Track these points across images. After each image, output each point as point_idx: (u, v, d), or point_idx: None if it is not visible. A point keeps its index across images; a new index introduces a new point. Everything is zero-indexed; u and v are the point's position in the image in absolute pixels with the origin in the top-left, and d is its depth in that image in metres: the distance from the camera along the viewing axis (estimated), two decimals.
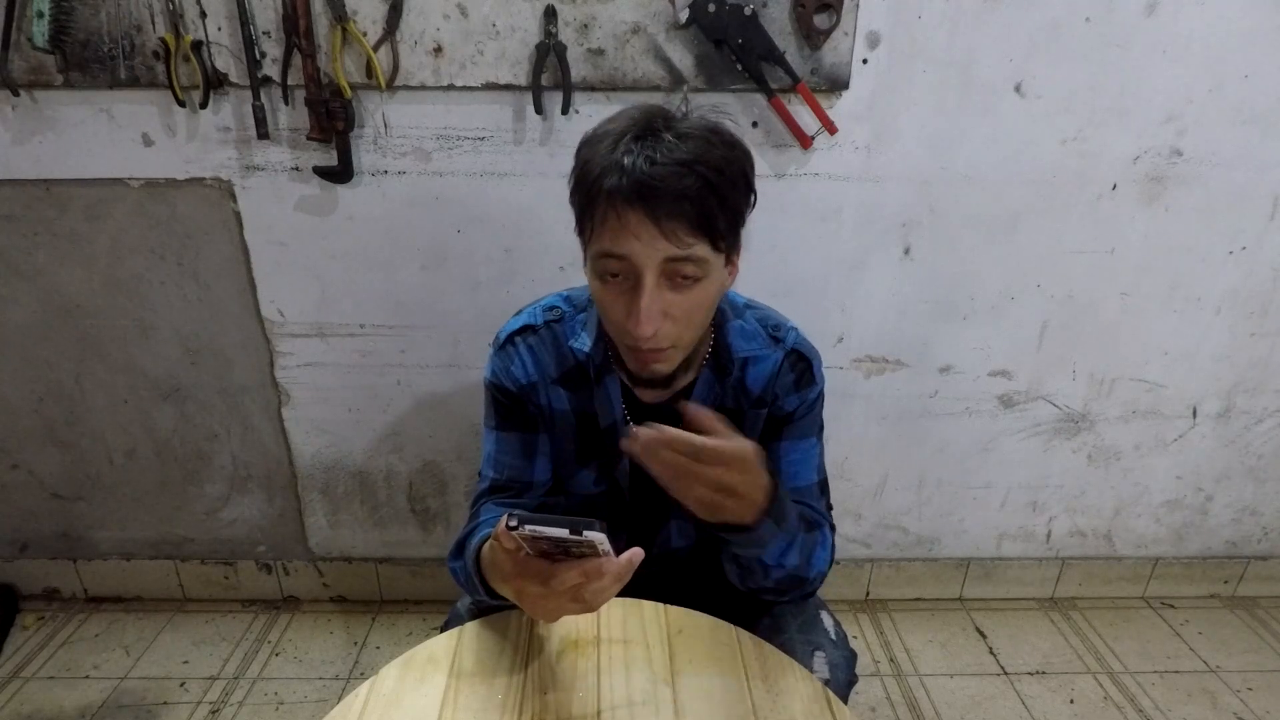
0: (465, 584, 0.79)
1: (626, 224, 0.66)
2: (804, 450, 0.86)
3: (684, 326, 0.72)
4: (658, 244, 0.66)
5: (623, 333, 0.72)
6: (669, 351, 0.73)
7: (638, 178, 0.64)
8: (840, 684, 0.80)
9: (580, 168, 0.70)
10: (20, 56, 1.18)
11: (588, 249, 0.71)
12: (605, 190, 0.65)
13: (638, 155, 0.65)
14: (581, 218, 0.71)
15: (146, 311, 1.39)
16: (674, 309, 0.70)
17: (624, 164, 0.65)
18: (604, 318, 0.75)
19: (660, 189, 0.64)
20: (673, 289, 0.69)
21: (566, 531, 0.55)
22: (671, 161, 0.65)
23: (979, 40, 1.21)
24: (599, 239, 0.68)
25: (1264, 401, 1.51)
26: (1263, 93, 1.26)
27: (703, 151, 0.66)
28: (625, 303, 0.69)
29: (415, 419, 1.48)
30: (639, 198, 0.65)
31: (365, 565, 1.62)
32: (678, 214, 0.65)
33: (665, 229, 0.65)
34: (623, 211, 0.65)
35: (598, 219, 0.67)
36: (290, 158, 1.27)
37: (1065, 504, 1.60)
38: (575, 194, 0.71)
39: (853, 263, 1.37)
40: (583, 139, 0.71)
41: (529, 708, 0.65)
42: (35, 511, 1.56)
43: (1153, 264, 1.38)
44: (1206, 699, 1.43)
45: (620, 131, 0.67)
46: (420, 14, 1.17)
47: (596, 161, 0.67)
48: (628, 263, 0.68)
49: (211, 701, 1.39)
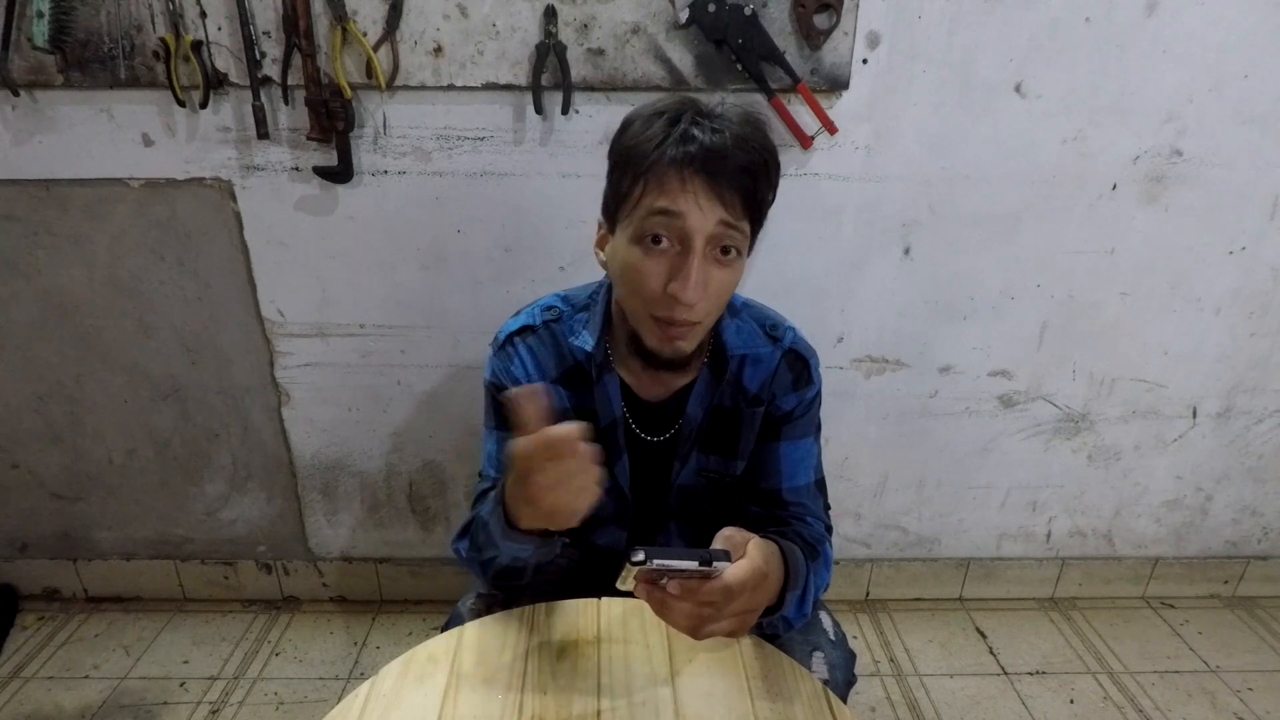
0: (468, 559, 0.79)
1: (688, 187, 0.67)
2: (802, 450, 0.86)
3: (714, 305, 0.73)
4: (715, 209, 0.68)
5: (655, 303, 0.71)
6: (696, 328, 0.74)
7: (708, 146, 0.67)
8: (839, 684, 0.80)
9: (631, 140, 0.70)
10: (20, 56, 1.18)
11: (632, 213, 0.71)
12: (669, 156, 0.67)
13: (706, 129, 0.67)
14: (630, 185, 0.70)
15: (146, 311, 1.39)
16: (713, 283, 0.71)
17: (693, 134, 0.67)
18: (632, 291, 0.73)
19: (727, 160, 0.67)
20: (715, 263, 0.71)
21: (696, 564, 0.55)
22: (736, 137, 0.68)
23: (979, 40, 1.21)
24: (656, 198, 0.68)
25: (1264, 401, 1.51)
26: (1263, 93, 1.26)
27: (759, 135, 0.70)
28: (665, 270, 0.70)
29: (415, 419, 1.48)
30: (705, 165, 0.67)
31: (365, 565, 1.62)
32: (736, 185, 0.68)
33: (725, 197, 0.68)
34: (687, 176, 0.67)
35: (654, 181, 0.68)
36: (290, 158, 1.27)
37: (1065, 504, 1.60)
38: (625, 162, 0.71)
39: (853, 263, 1.37)
40: (629, 117, 0.73)
41: (529, 708, 0.65)
42: (35, 511, 1.56)
43: (1153, 264, 1.38)
44: (1206, 699, 1.43)
45: (678, 108, 0.70)
46: (420, 14, 1.17)
47: (655, 132, 0.68)
48: (680, 225, 0.68)
49: (211, 701, 1.39)
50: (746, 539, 0.63)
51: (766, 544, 0.66)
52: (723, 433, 0.86)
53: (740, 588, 0.58)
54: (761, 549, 0.63)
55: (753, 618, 0.63)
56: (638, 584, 0.57)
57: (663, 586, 0.57)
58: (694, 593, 0.57)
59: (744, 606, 0.60)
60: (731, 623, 0.60)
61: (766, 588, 0.63)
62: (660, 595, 0.57)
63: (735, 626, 0.60)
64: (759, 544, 0.63)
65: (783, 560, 0.69)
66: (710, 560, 0.55)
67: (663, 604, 0.58)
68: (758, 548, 0.63)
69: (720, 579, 0.57)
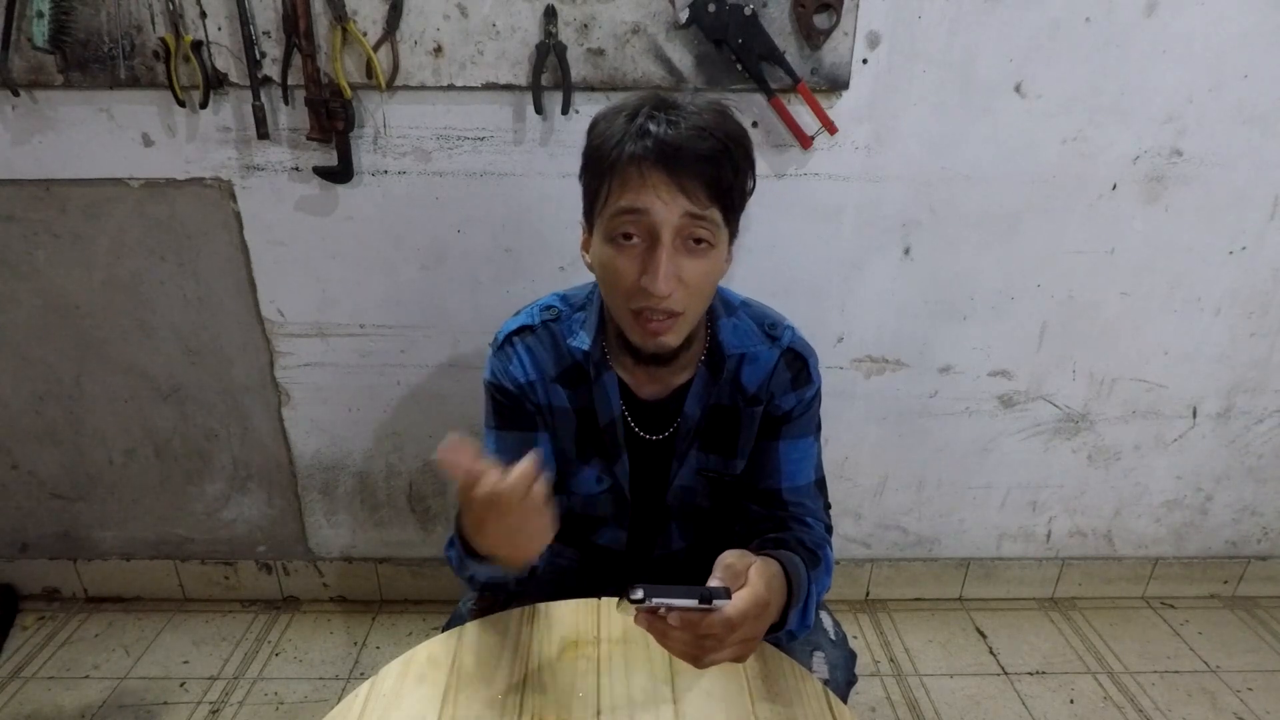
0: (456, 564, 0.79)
1: (648, 182, 0.68)
2: (802, 450, 0.86)
3: (693, 295, 0.73)
4: (678, 201, 0.68)
5: (632, 295, 0.72)
6: (678, 320, 0.73)
7: (662, 139, 0.67)
8: (840, 684, 0.80)
9: (596, 140, 0.71)
10: (20, 56, 1.18)
11: (602, 213, 0.72)
12: (628, 153, 0.68)
13: (660, 122, 0.68)
14: (597, 185, 0.71)
15: (146, 311, 1.39)
16: (686, 273, 0.71)
17: (648, 129, 0.68)
18: (611, 288, 0.74)
19: (683, 150, 0.67)
20: (686, 253, 0.71)
21: (695, 602, 0.54)
22: (692, 127, 0.68)
23: (979, 40, 1.21)
24: (619, 197, 0.69)
25: (1264, 401, 1.51)
26: (1263, 93, 1.26)
27: (719, 122, 0.70)
28: (637, 266, 0.70)
29: (415, 419, 1.48)
30: (662, 158, 0.67)
31: (365, 565, 1.62)
32: (697, 175, 0.68)
33: (687, 188, 0.68)
34: (646, 171, 0.67)
35: (617, 180, 0.69)
36: (290, 158, 1.27)
37: (1065, 504, 1.60)
38: (591, 164, 0.72)
39: (853, 263, 1.37)
40: (595, 118, 0.73)
41: (529, 708, 0.65)
42: (35, 511, 1.56)
43: (1153, 264, 1.38)
44: (1206, 699, 1.43)
45: (637, 105, 0.70)
46: (420, 14, 1.17)
47: (615, 130, 0.69)
48: (646, 220, 0.69)
49: (211, 701, 1.39)
50: (748, 565, 0.62)
51: (768, 567, 0.65)
52: (722, 432, 0.86)
53: (742, 618, 0.58)
54: (763, 574, 0.62)
55: (755, 644, 0.62)
56: (638, 615, 0.57)
57: (663, 617, 0.57)
58: (695, 625, 0.57)
59: (746, 635, 0.59)
60: (734, 650, 0.59)
61: (769, 614, 0.63)
62: (661, 626, 0.57)
63: (737, 654, 0.60)
64: (760, 569, 0.62)
65: (785, 579, 0.68)
66: (710, 598, 0.55)
67: (664, 634, 0.58)
68: (759, 574, 0.62)
69: (722, 612, 0.57)
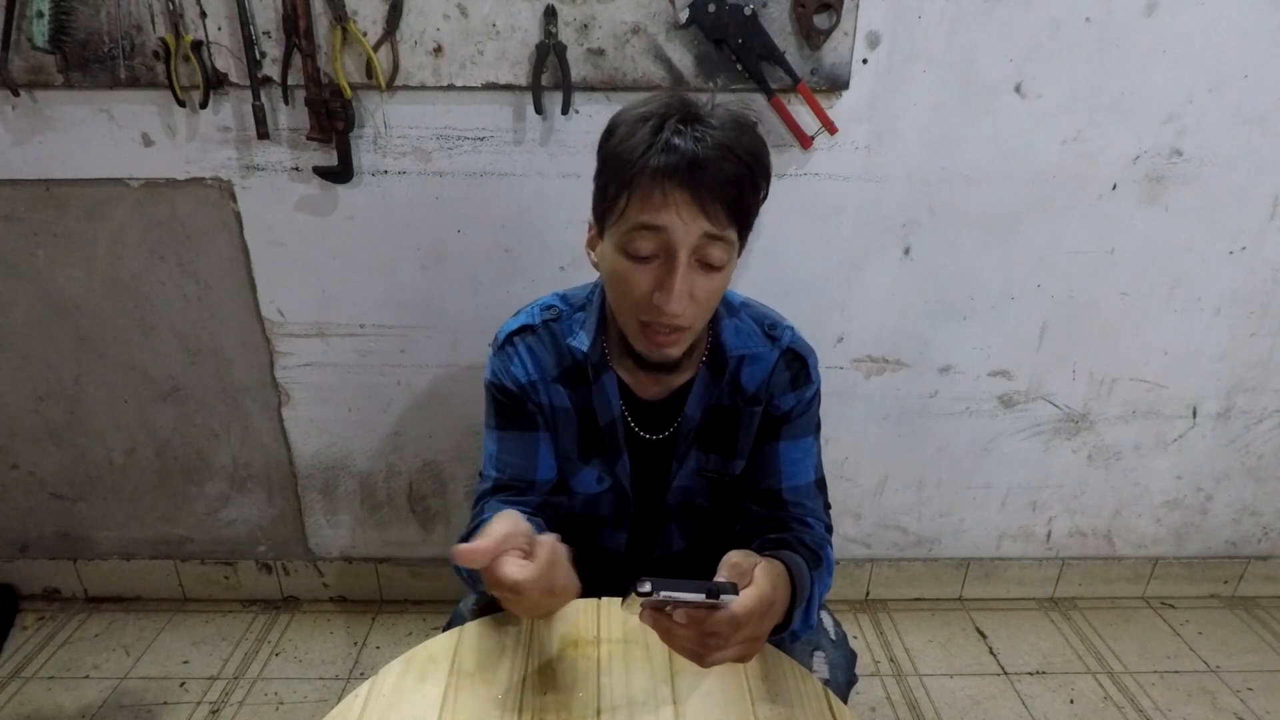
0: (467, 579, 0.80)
1: (670, 200, 0.66)
2: (802, 450, 0.86)
3: (702, 310, 0.73)
4: (699, 222, 0.67)
5: (642, 309, 0.72)
6: (684, 333, 0.74)
7: (689, 157, 0.66)
8: (840, 684, 0.80)
9: (617, 145, 0.70)
10: (20, 56, 1.18)
11: (618, 223, 0.70)
12: (652, 167, 0.66)
13: (687, 137, 0.66)
14: (615, 193, 0.70)
15: (146, 311, 1.39)
16: (698, 290, 0.71)
17: (674, 144, 0.66)
18: (619, 296, 0.74)
19: (708, 171, 0.66)
20: (701, 271, 0.70)
21: (703, 596, 0.54)
22: (717, 145, 0.66)
23: (979, 40, 1.21)
24: (638, 211, 0.68)
25: (1264, 401, 1.51)
26: (1263, 93, 1.26)
27: (741, 139, 0.69)
28: (650, 280, 0.70)
29: (415, 419, 1.48)
30: (686, 178, 0.66)
31: (365, 565, 1.62)
32: (719, 197, 0.67)
33: (708, 209, 0.67)
34: (669, 190, 0.66)
35: (638, 193, 0.68)
36: (290, 158, 1.27)
37: (1065, 504, 1.60)
38: (609, 169, 0.71)
39: (853, 263, 1.37)
40: (615, 120, 0.72)
41: (529, 708, 0.65)
42: (35, 511, 1.56)
43: (1153, 264, 1.38)
44: (1206, 699, 1.43)
45: (662, 112, 0.68)
46: (420, 14, 1.17)
47: (639, 140, 0.67)
48: (663, 238, 0.68)
49: (211, 701, 1.39)
50: (753, 564, 0.62)
51: (773, 567, 0.64)
52: (721, 432, 0.86)
53: (748, 617, 0.57)
54: (769, 574, 0.62)
55: (759, 644, 0.62)
56: (643, 611, 0.57)
57: (668, 615, 0.56)
58: (700, 622, 0.57)
59: (751, 634, 0.59)
60: (738, 650, 0.59)
61: (774, 614, 0.63)
62: (666, 623, 0.57)
63: (742, 654, 0.60)
64: (765, 570, 0.62)
65: (789, 580, 0.68)
66: (718, 593, 0.55)
67: (668, 632, 0.57)
68: (765, 574, 0.61)
69: (727, 609, 0.57)
